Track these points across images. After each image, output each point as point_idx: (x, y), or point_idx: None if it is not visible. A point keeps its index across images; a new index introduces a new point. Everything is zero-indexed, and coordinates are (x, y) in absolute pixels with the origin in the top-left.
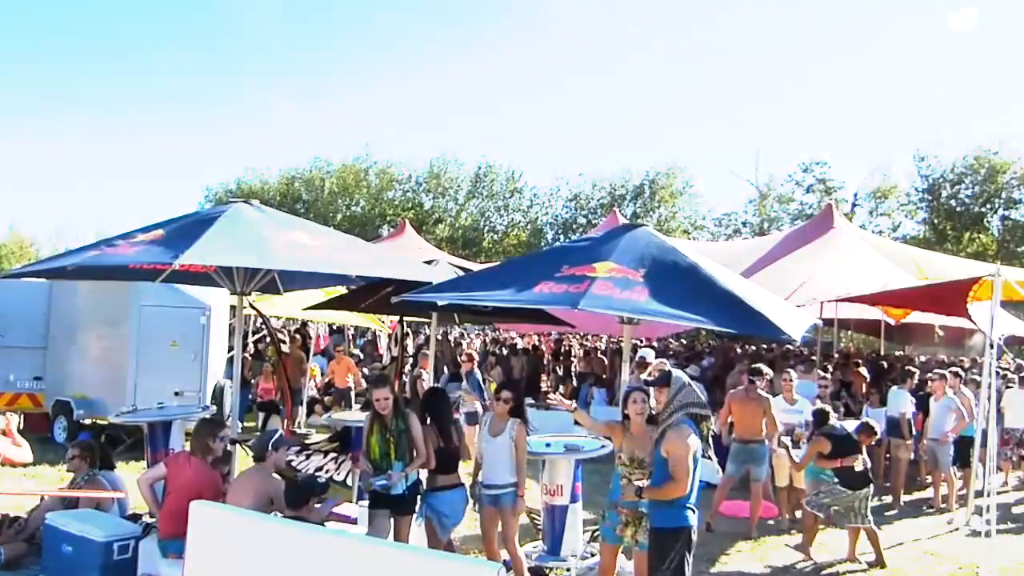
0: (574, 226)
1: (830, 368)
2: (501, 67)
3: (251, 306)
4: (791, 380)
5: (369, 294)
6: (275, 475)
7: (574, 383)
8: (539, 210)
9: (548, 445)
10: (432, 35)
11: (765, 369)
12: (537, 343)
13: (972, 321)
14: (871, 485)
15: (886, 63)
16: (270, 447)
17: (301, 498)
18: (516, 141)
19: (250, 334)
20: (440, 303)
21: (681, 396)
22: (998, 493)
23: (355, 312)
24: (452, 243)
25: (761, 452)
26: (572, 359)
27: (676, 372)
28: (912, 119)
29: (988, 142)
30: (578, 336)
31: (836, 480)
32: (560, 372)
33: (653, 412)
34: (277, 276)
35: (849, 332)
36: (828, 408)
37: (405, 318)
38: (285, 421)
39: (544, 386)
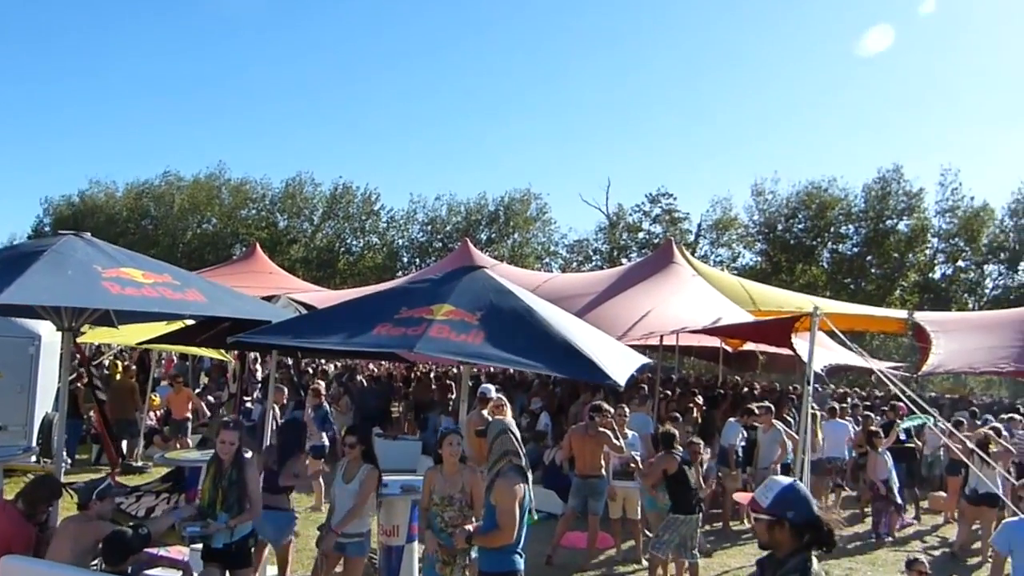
0: (430, 250)
1: (670, 395)
2: (358, 87)
3: (74, 344)
4: (625, 415)
5: (207, 329)
6: (101, 521)
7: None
8: (395, 233)
9: (385, 486)
10: (292, 54)
11: (605, 406)
12: (391, 371)
13: (796, 353)
14: (700, 512)
15: (730, 98)
16: (95, 496)
17: (116, 557)
18: (373, 163)
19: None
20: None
21: (498, 444)
22: None
23: (193, 347)
24: (306, 264)
25: (600, 486)
26: (424, 386)
27: (497, 418)
28: (752, 154)
29: (819, 179)
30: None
31: (670, 508)
32: (411, 400)
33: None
34: (112, 310)
35: (691, 359)
36: (674, 431)
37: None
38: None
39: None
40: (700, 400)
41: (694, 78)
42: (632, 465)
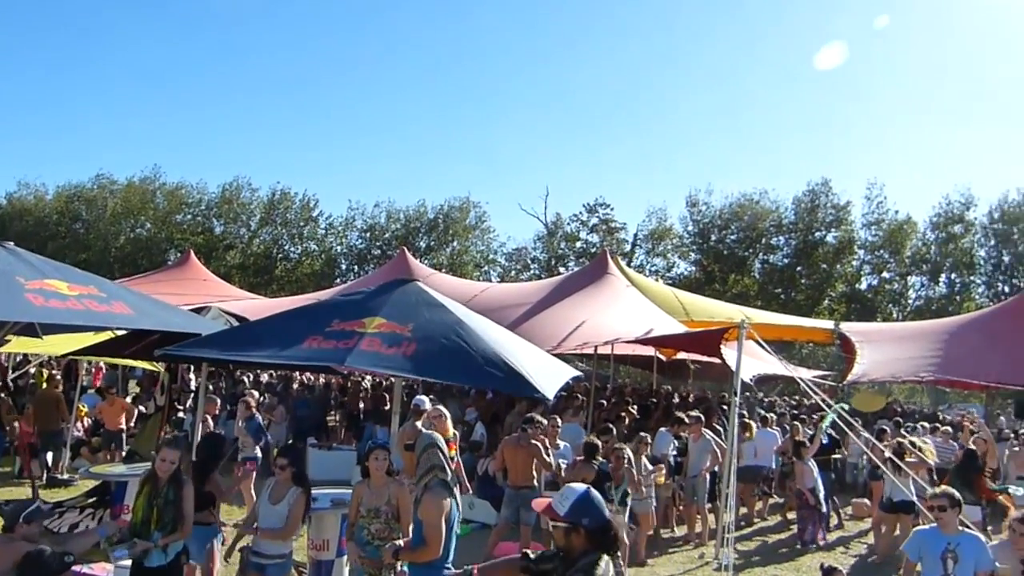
0: (369, 257)
1: (605, 404)
2: (297, 92)
3: None
4: (557, 426)
5: (136, 340)
6: (24, 543)
7: (360, 421)
8: (334, 240)
9: (315, 499)
10: (230, 57)
11: (538, 418)
12: (328, 380)
13: (725, 363)
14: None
15: (667, 110)
16: (22, 519)
17: None
18: (312, 169)
19: (10, 370)
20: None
21: (425, 458)
22: (749, 526)
23: (120, 359)
24: (243, 271)
25: (532, 497)
26: (360, 396)
27: (425, 432)
28: (688, 165)
29: (751, 191)
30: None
31: None
32: (348, 410)
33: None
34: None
35: (627, 367)
36: (596, 442)
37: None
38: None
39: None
40: (634, 409)
41: (632, 89)
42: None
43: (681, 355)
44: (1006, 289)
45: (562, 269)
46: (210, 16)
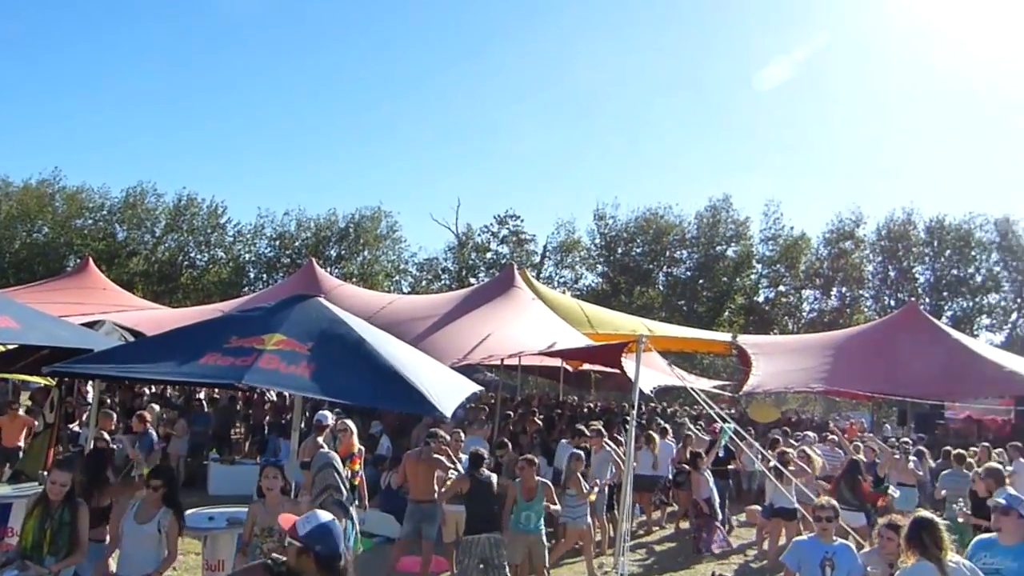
0: (278, 265)
1: (512, 415)
2: (205, 96)
3: None
4: (460, 440)
5: (23, 355)
6: None
7: (265, 433)
8: (242, 247)
9: (211, 519)
10: (136, 58)
11: (441, 432)
12: (233, 393)
13: (625, 374)
14: (494, 531)
15: (576, 123)
16: None
17: None
18: (220, 175)
19: None
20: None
21: (320, 478)
22: (648, 535)
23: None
24: (147, 278)
25: (433, 511)
26: (265, 408)
27: (322, 450)
28: (595, 179)
29: (656, 206)
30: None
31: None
32: (252, 422)
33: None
34: None
35: (535, 377)
36: (481, 452)
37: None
38: None
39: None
40: (539, 420)
41: (543, 102)
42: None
43: (586, 366)
44: (891, 303)
45: (473, 280)
46: (113, 17)
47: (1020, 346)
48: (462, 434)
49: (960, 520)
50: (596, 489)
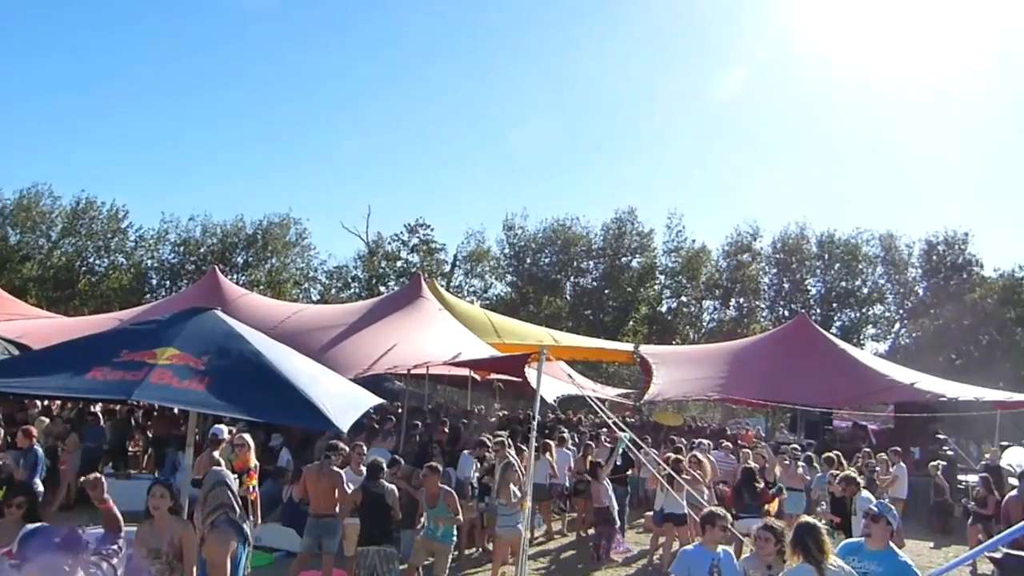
0: (182, 272)
1: (419, 425)
2: (106, 95)
3: None
4: (362, 452)
5: None
6: None
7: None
8: (144, 253)
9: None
10: (31, 53)
11: (341, 445)
12: (130, 404)
13: (529, 384)
14: (385, 544)
15: (485, 134)
16: None
17: None
18: (121, 178)
19: None
20: None
21: (213, 497)
22: (550, 541)
23: None
24: (41, 284)
25: (334, 525)
26: (166, 419)
27: (215, 468)
28: (504, 189)
29: (564, 217)
30: None
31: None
32: (150, 435)
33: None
34: None
35: (444, 386)
36: (380, 462)
37: None
38: None
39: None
40: (447, 430)
41: (456, 110)
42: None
43: (494, 375)
44: (785, 313)
45: (383, 288)
46: (11, 10)
47: (902, 355)
48: (364, 447)
49: (822, 520)
50: (528, 498)
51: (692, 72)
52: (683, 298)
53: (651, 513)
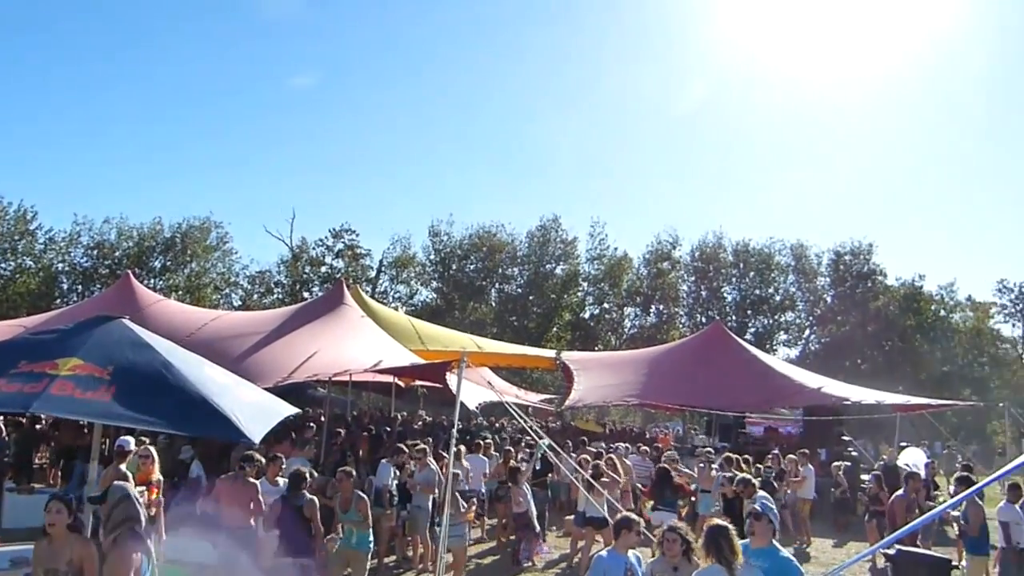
0: (96, 276)
1: (342, 433)
2: (13, 88)
3: None
4: (281, 463)
5: None
6: None
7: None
8: (55, 256)
9: None
10: None
11: (257, 456)
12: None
13: (451, 390)
14: (302, 556)
15: (414, 139)
16: None
17: None
18: (30, 177)
19: None
20: None
21: (119, 511)
22: (469, 547)
23: None
24: None
25: (248, 538)
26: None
27: (117, 483)
28: (431, 196)
29: (490, 223)
30: None
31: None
32: (57, 446)
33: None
34: None
35: (368, 393)
36: (305, 472)
37: None
38: None
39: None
40: (369, 437)
41: (383, 116)
42: None
43: (417, 381)
44: (703, 320)
45: (307, 294)
46: None
47: (812, 360)
48: (283, 457)
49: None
50: (474, 508)
51: (616, 82)
52: (605, 305)
53: (571, 517)
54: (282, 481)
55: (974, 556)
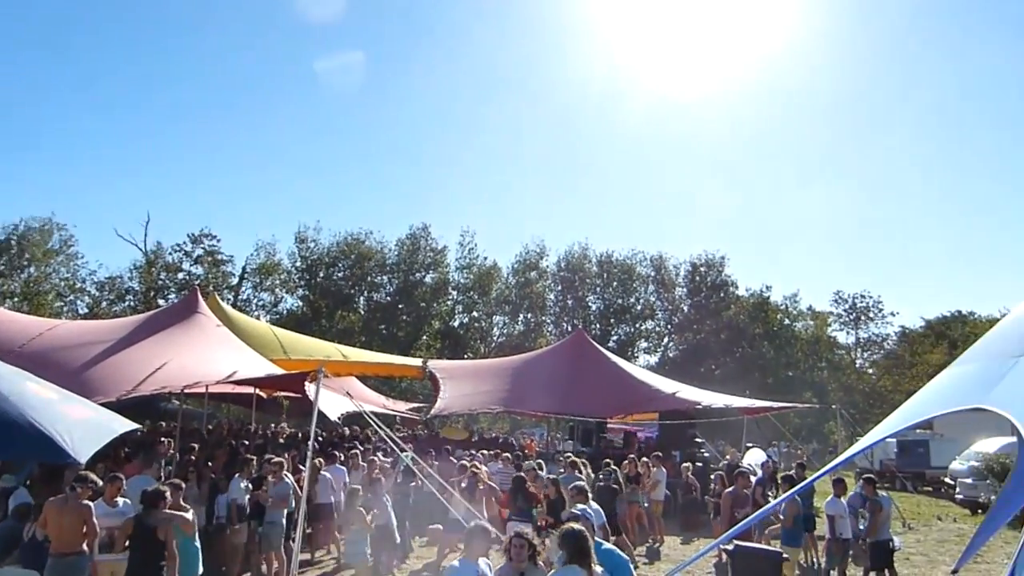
0: None
1: (197, 448)
2: None
3: None
4: (120, 483)
5: None
6: None
7: None
8: None
9: None
10: None
11: (92, 476)
12: None
13: (309, 399)
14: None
15: (277, 145)
16: None
17: None
18: None
19: None
20: None
21: None
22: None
23: None
24: None
25: (80, 564)
26: None
27: None
28: (298, 202)
29: (358, 231)
30: None
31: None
32: None
33: None
34: None
35: (228, 404)
36: (163, 490)
37: None
38: None
39: None
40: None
41: (244, 117)
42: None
43: (280, 392)
44: (569, 328)
45: (162, 301)
46: None
47: (670, 367)
48: (122, 476)
49: (540, 523)
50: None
51: (480, 94)
52: (475, 313)
53: (436, 526)
54: (122, 501)
55: (788, 547)
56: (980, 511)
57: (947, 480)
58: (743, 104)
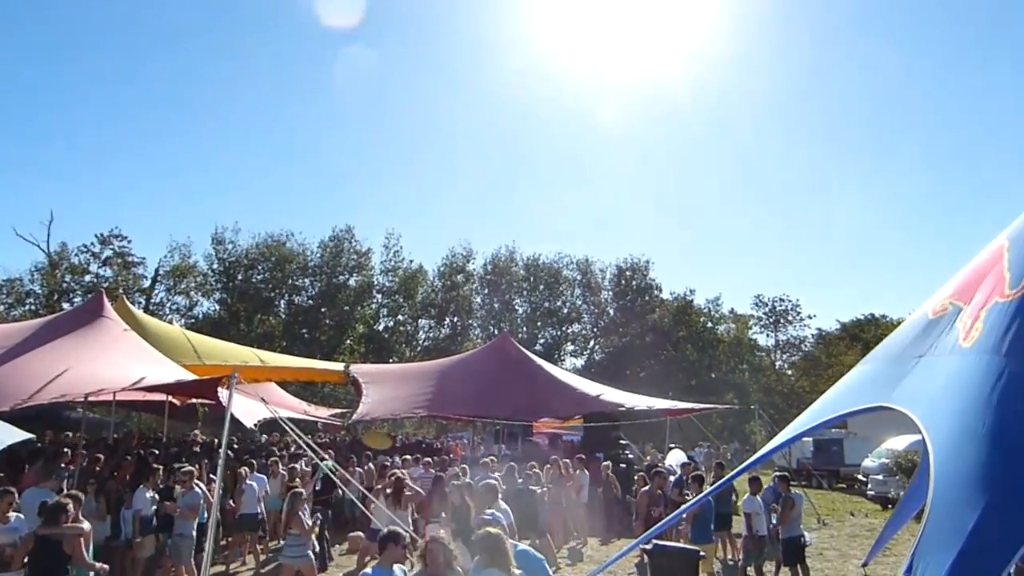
0: None
1: (102, 458)
2: None
3: None
4: (12, 498)
5: None
6: None
7: None
8: None
9: None
10: None
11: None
12: None
13: (222, 404)
14: None
15: (193, 146)
16: None
17: None
18: None
19: None
20: None
21: None
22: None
23: None
24: None
25: None
26: None
27: None
28: (214, 203)
29: (279, 232)
30: None
31: None
32: None
33: None
34: None
35: (139, 412)
36: (65, 503)
37: None
38: None
39: None
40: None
41: (156, 115)
42: (8, 553)
43: (196, 399)
44: (495, 331)
45: (66, 305)
46: None
47: (596, 369)
48: (15, 492)
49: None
50: (317, 525)
51: (406, 96)
52: (400, 317)
53: (356, 533)
54: (14, 516)
55: (698, 543)
56: (890, 506)
57: (860, 477)
58: (669, 111)
